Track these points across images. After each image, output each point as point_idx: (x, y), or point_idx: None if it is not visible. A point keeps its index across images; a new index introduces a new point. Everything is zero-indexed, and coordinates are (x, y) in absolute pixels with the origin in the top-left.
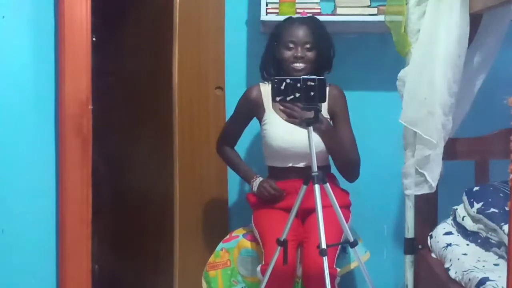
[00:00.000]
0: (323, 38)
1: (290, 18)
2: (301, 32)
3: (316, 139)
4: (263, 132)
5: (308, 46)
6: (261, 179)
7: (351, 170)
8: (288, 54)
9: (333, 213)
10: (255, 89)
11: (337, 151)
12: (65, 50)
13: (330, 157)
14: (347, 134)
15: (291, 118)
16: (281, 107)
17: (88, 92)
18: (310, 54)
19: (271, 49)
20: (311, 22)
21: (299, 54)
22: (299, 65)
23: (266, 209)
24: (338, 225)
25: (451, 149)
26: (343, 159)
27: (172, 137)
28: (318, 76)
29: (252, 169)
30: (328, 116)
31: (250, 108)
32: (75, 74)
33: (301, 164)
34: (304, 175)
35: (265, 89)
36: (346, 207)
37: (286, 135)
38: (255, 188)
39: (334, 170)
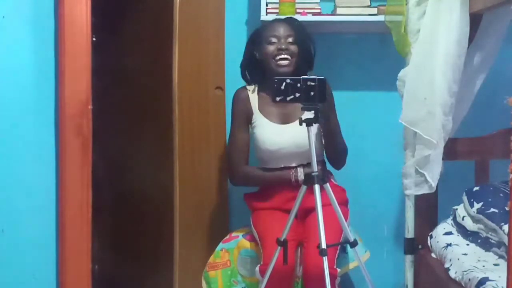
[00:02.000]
0: (304, 34)
1: (267, 21)
2: (282, 28)
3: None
4: (253, 135)
5: (290, 40)
6: (300, 169)
7: (340, 158)
8: (271, 48)
9: (333, 212)
10: (242, 91)
11: (329, 141)
12: (65, 50)
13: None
14: (334, 122)
15: None
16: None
17: (88, 92)
18: (293, 48)
19: (251, 50)
20: (291, 20)
21: (283, 46)
22: (283, 57)
23: (264, 210)
24: (338, 225)
25: (451, 149)
26: (334, 148)
27: (172, 137)
28: (301, 73)
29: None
30: None
31: (244, 108)
32: (75, 74)
33: (293, 164)
34: None
35: (252, 92)
36: (344, 204)
37: (274, 137)
38: (302, 176)
39: (331, 168)
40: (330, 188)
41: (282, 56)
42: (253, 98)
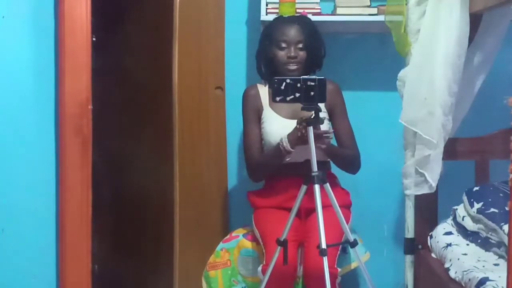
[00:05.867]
0: (315, 37)
1: (280, 17)
2: (293, 32)
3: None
4: (262, 130)
5: (300, 45)
6: (284, 136)
7: (353, 166)
8: (281, 54)
9: (334, 213)
10: (252, 88)
11: (340, 160)
12: (65, 50)
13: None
14: (347, 129)
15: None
16: (279, 104)
17: (88, 92)
18: (302, 54)
19: (263, 48)
20: (302, 21)
21: (292, 54)
22: (292, 66)
23: (266, 208)
24: (339, 225)
25: (451, 149)
26: (345, 163)
27: (172, 137)
28: (309, 73)
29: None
30: (326, 112)
31: (254, 104)
32: (75, 74)
33: (302, 159)
34: (304, 170)
35: (263, 88)
36: (346, 207)
37: (283, 131)
38: (287, 145)
39: (334, 169)
40: (330, 188)
41: (291, 65)
42: (264, 94)
